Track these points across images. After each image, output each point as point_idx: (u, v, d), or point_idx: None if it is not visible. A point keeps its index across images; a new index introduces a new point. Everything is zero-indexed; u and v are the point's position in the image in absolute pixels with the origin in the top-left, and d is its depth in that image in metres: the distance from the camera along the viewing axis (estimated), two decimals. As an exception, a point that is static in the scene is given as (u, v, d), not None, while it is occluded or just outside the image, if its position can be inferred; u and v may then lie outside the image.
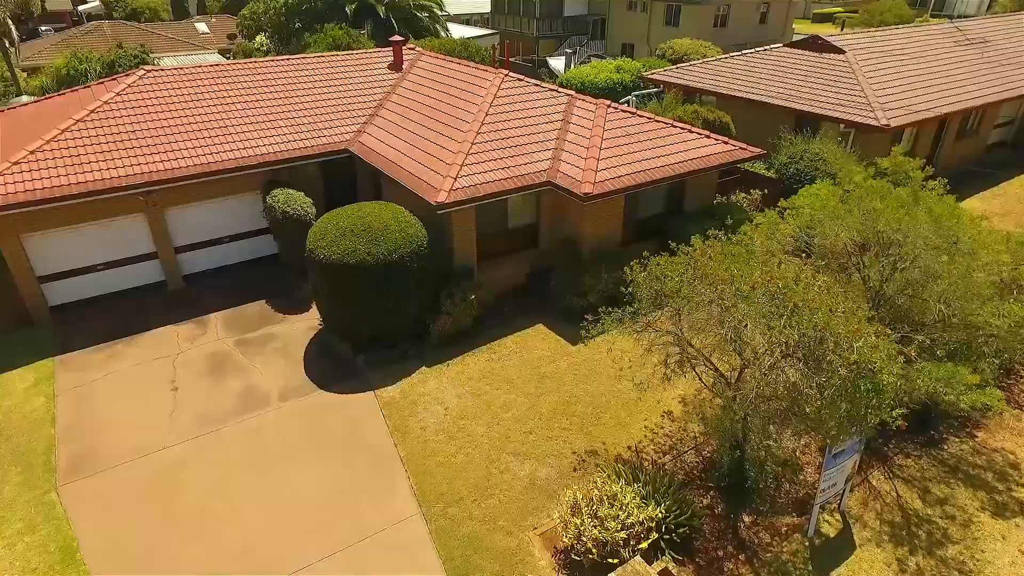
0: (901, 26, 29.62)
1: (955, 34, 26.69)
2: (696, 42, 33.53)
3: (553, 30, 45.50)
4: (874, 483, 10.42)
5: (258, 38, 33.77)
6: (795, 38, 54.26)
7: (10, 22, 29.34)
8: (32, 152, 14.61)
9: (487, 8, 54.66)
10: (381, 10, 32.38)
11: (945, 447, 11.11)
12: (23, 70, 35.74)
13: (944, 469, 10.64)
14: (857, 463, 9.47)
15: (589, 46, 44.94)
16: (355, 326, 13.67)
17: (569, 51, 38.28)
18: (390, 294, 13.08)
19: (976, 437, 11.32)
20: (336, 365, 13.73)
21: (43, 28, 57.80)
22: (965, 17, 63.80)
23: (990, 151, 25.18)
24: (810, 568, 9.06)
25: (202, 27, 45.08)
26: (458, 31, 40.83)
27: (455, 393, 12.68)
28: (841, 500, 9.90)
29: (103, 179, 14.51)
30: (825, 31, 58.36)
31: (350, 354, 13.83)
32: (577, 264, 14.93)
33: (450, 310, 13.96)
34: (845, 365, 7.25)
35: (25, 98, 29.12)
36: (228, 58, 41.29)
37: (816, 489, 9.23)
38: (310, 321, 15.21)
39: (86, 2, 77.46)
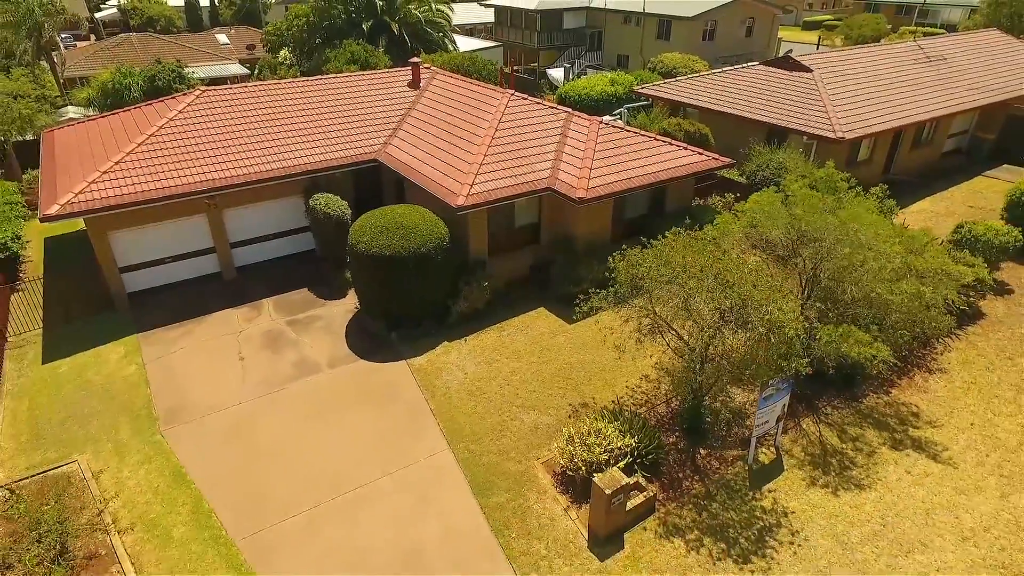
0: (867, 45, 32.46)
1: (916, 52, 29.53)
2: (684, 56, 36.37)
3: (553, 42, 48.38)
4: (804, 427, 13.27)
5: (282, 52, 36.59)
6: (783, 46, 57.41)
7: (58, 37, 32.13)
8: (116, 163, 17.44)
9: (490, 18, 57.51)
10: (395, 27, 35.21)
11: (864, 401, 13.96)
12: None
13: (860, 416, 13.49)
14: (786, 407, 12.26)
15: (586, 57, 47.84)
16: (388, 308, 16.47)
17: (568, 65, 41.05)
18: (418, 281, 15.87)
19: (890, 393, 14.17)
20: (372, 340, 16.54)
21: (63, 35, 60.61)
22: (949, 27, 66.87)
23: (945, 158, 28.00)
24: (747, 484, 11.90)
25: (222, 38, 47.87)
26: (463, 43, 43.63)
27: (472, 362, 15.50)
28: (776, 437, 12.73)
29: (177, 185, 17.33)
30: (812, 38, 61.30)
31: (384, 331, 16.62)
32: (572, 257, 17.72)
33: (467, 295, 16.80)
34: (762, 323, 10.08)
35: (71, 109, 31.96)
36: (248, 67, 44.13)
37: (755, 427, 12.04)
38: (347, 305, 18.04)
39: (101, 9, 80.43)
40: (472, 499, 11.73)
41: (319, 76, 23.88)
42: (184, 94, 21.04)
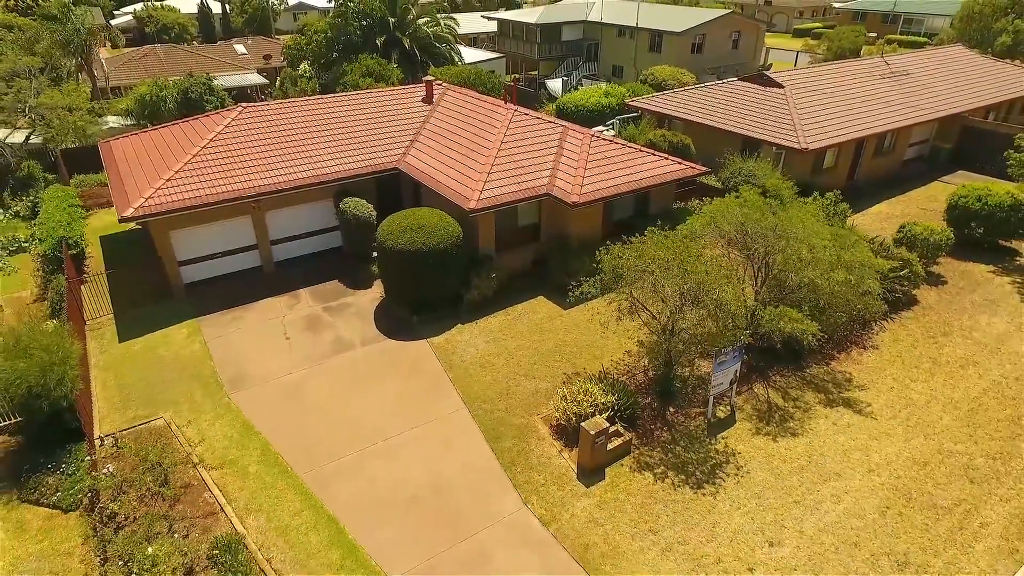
0: (838, 61, 35.36)
1: (882, 67, 32.44)
2: (674, 69, 39.27)
3: (552, 53, 51.31)
4: (756, 390, 16.19)
5: (302, 65, 39.49)
6: (772, 55, 60.09)
7: (100, 53, 34.98)
8: (176, 172, 20.35)
9: (492, 27, 60.39)
10: (406, 42, 38.11)
11: (808, 370, 16.88)
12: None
13: (802, 382, 16.42)
14: (738, 372, 15.16)
15: (583, 67, 50.76)
16: (411, 296, 19.35)
17: (565, 76, 43.85)
18: (437, 273, 18.77)
19: (830, 365, 17.09)
20: (397, 323, 19.43)
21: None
22: (933, 35, 69.75)
23: (906, 166, 30.89)
24: (706, 434, 14.82)
25: (240, 48, 50.72)
26: (468, 54, 46.53)
27: (482, 341, 18.40)
28: (731, 398, 15.64)
29: (228, 191, 20.25)
30: (798, 45, 64.12)
31: (406, 316, 19.49)
32: (568, 253, 20.60)
33: (477, 285, 19.70)
34: (712, 302, 12.99)
35: (111, 119, 34.85)
36: (265, 76, 47.00)
37: (712, 387, 14.94)
38: (373, 294, 20.94)
39: (115, 16, 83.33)
40: (485, 444, 14.64)
41: (344, 93, 26.78)
42: (228, 110, 23.93)
